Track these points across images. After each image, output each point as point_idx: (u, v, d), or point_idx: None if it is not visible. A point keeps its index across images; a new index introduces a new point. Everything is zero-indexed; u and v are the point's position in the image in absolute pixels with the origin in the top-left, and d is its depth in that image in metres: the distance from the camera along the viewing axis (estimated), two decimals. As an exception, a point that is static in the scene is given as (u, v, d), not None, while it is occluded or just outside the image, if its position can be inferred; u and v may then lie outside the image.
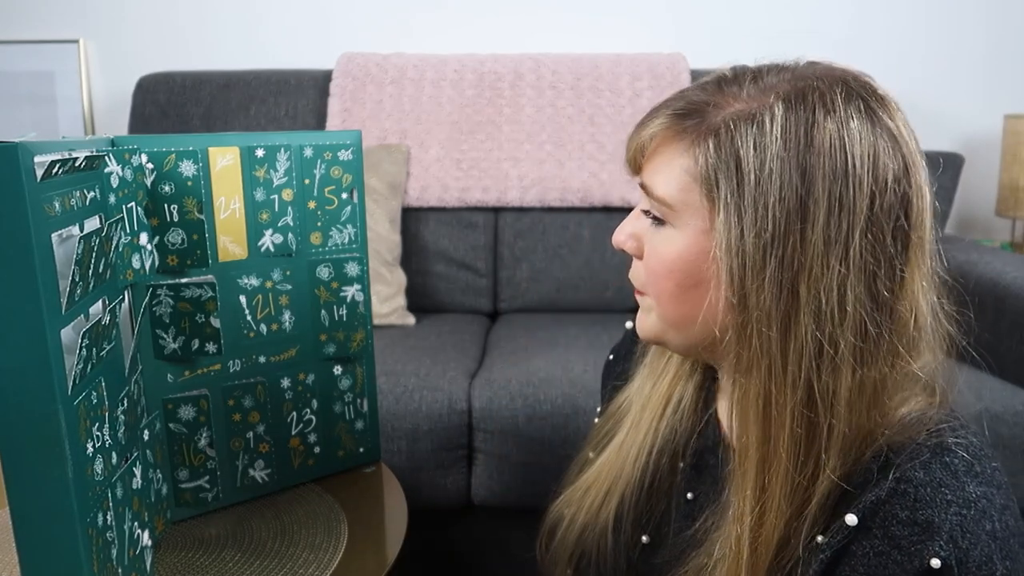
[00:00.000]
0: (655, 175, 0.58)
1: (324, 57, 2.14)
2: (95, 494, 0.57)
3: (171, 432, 0.80)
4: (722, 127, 0.54)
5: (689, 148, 0.56)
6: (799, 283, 0.52)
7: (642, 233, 0.61)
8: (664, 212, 0.58)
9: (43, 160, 0.51)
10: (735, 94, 0.56)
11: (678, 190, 0.57)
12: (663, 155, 0.58)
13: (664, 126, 0.58)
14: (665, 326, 0.61)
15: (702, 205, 0.56)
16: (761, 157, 0.52)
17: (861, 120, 0.53)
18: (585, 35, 2.20)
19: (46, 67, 2.21)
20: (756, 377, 0.54)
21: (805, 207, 0.52)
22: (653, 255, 0.60)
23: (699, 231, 0.56)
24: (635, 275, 0.63)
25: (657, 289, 0.60)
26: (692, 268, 0.57)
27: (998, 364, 1.54)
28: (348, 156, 0.87)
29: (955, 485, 0.52)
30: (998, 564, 0.50)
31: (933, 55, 2.23)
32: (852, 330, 0.53)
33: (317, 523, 0.81)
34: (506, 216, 1.98)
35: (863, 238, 0.52)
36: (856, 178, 0.52)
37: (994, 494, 0.52)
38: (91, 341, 0.57)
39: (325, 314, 0.88)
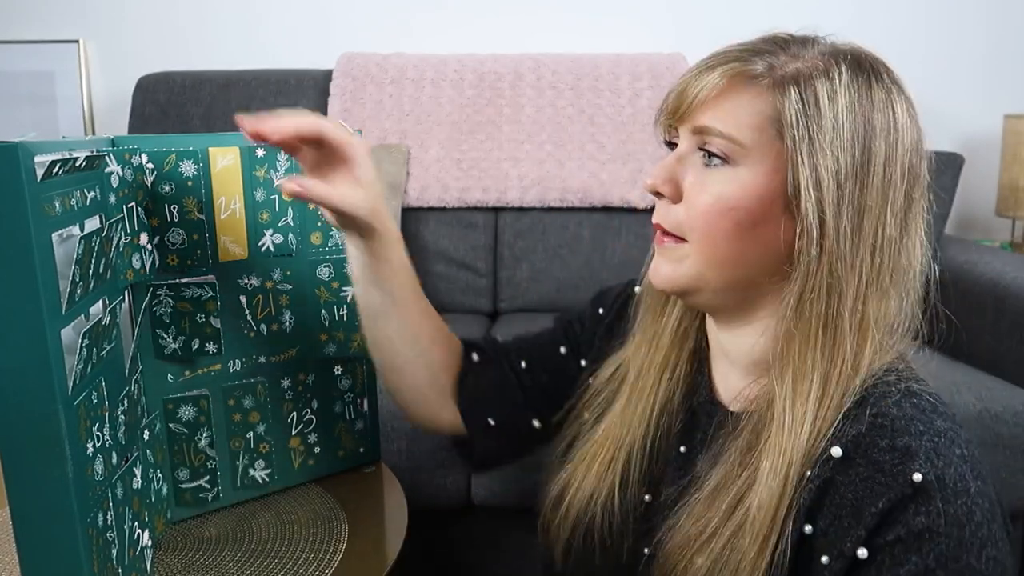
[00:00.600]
0: (723, 117, 0.61)
1: (324, 57, 2.14)
2: (95, 494, 0.57)
3: (171, 432, 0.80)
4: (800, 76, 0.60)
5: (764, 93, 0.61)
6: (864, 219, 0.60)
7: (680, 177, 0.64)
8: (733, 152, 0.61)
9: (43, 160, 0.51)
10: (796, 52, 0.62)
11: (752, 130, 0.61)
12: (732, 99, 0.62)
13: (733, 71, 0.62)
14: (705, 270, 0.63)
15: (772, 147, 0.60)
16: (835, 107, 0.59)
17: (898, 91, 0.62)
18: (585, 35, 2.20)
19: (46, 67, 2.21)
20: (816, 306, 0.60)
21: (867, 153, 0.60)
22: (708, 195, 0.62)
23: (767, 171, 0.61)
24: (667, 217, 0.65)
25: (710, 229, 0.62)
26: (755, 206, 0.61)
27: (998, 364, 1.54)
28: (348, 156, 0.87)
29: (924, 419, 0.58)
30: (971, 481, 0.55)
31: (933, 55, 2.23)
32: (889, 266, 0.61)
33: (317, 523, 0.81)
34: (506, 216, 1.98)
35: (901, 187, 0.61)
36: (899, 135, 0.61)
37: (958, 429, 0.59)
38: (91, 341, 0.57)
39: (326, 314, 0.88)
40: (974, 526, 0.54)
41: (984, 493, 0.56)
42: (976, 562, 0.54)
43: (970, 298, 1.65)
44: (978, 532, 0.54)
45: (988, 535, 0.54)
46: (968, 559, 0.54)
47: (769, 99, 0.61)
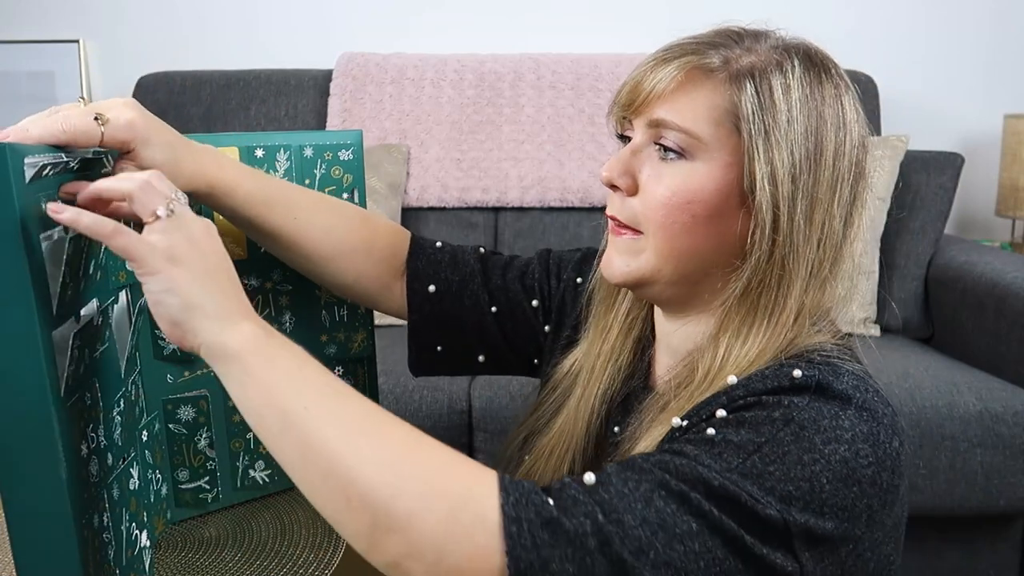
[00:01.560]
0: (679, 111, 0.62)
1: (324, 57, 2.14)
2: (90, 495, 0.57)
3: (171, 433, 0.80)
4: (755, 70, 0.61)
5: (720, 87, 0.61)
6: (815, 212, 0.60)
7: (636, 170, 0.64)
8: (690, 145, 0.61)
9: (34, 162, 0.51)
10: (749, 46, 0.63)
11: (708, 124, 0.61)
12: (688, 92, 0.62)
13: (689, 65, 0.62)
14: (661, 263, 0.64)
15: (728, 140, 0.61)
16: (789, 100, 0.60)
17: (845, 87, 0.64)
18: (585, 35, 2.20)
19: (46, 67, 2.21)
20: (765, 297, 0.61)
21: (819, 147, 0.60)
22: (666, 189, 0.62)
23: (724, 164, 0.61)
24: (623, 210, 0.65)
25: (667, 222, 0.62)
26: (712, 199, 0.61)
27: (998, 364, 1.54)
28: (349, 156, 0.87)
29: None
30: (859, 396, 0.56)
31: (933, 55, 2.22)
32: (831, 257, 0.62)
33: (317, 523, 0.81)
34: (506, 216, 1.97)
35: (847, 180, 0.62)
36: (848, 130, 0.62)
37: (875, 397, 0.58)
38: (83, 342, 0.57)
39: (326, 315, 0.88)
40: (830, 436, 0.53)
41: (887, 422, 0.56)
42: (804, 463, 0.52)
43: (970, 298, 1.65)
44: (828, 447, 0.53)
45: (841, 464, 0.53)
46: (801, 456, 0.53)
47: (726, 93, 0.61)
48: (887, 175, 1.80)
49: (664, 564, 0.49)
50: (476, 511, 0.50)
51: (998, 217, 2.20)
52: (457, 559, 0.49)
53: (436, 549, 0.49)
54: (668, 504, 0.51)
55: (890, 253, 1.83)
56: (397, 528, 0.49)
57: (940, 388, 1.44)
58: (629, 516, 0.50)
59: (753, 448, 0.53)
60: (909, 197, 1.84)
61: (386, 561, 0.50)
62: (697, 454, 0.53)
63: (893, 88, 2.15)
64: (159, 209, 0.54)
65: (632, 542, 0.49)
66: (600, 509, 0.50)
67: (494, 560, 0.49)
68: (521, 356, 0.88)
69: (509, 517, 0.49)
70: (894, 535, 0.58)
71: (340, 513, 0.51)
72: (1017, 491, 1.40)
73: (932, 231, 1.84)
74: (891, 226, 1.82)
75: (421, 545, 0.49)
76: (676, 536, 0.50)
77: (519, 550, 0.48)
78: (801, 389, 0.56)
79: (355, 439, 0.51)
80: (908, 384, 1.45)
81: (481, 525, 0.49)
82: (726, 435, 0.54)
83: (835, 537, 0.53)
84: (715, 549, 0.50)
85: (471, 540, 0.49)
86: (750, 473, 0.52)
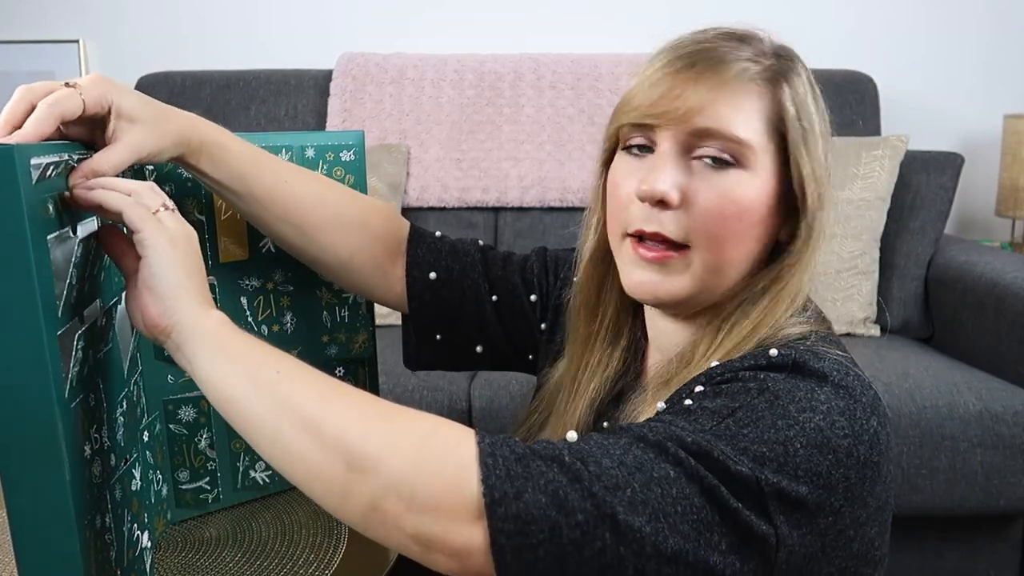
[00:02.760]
0: (725, 119, 0.60)
1: (324, 57, 2.13)
2: (93, 496, 0.57)
3: (171, 433, 0.80)
4: (782, 75, 0.63)
5: (761, 92, 0.62)
6: (827, 202, 0.64)
7: (685, 183, 0.61)
8: (739, 153, 0.61)
9: (39, 162, 0.51)
10: (759, 49, 0.64)
11: (755, 132, 0.61)
12: (729, 100, 0.61)
13: (728, 72, 0.61)
14: (708, 275, 0.63)
15: (770, 145, 0.62)
16: (811, 100, 0.63)
17: (811, 77, 0.66)
18: (585, 35, 2.20)
19: (46, 67, 2.21)
20: (774, 288, 0.63)
21: (826, 141, 0.64)
22: (724, 199, 0.61)
23: (771, 170, 0.62)
24: (669, 225, 0.62)
25: (721, 232, 0.61)
26: (764, 206, 0.62)
27: (998, 364, 1.54)
28: (351, 157, 0.87)
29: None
30: (837, 375, 0.56)
31: (933, 55, 2.22)
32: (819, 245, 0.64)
33: (317, 523, 0.81)
34: (506, 216, 1.98)
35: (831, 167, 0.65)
36: (824, 119, 0.65)
37: (855, 377, 0.58)
38: (88, 343, 0.57)
39: (327, 315, 0.88)
40: (804, 405, 0.54)
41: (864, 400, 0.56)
42: (777, 428, 0.53)
43: (970, 298, 1.65)
44: (803, 416, 0.53)
45: (815, 432, 0.53)
46: (775, 421, 0.53)
47: (767, 98, 0.62)
48: (887, 175, 1.80)
49: (641, 503, 0.49)
50: (447, 443, 0.51)
51: (998, 217, 2.20)
52: (432, 491, 0.49)
53: (409, 483, 0.50)
54: (646, 452, 0.52)
55: (890, 253, 1.83)
56: (370, 466, 0.50)
57: (940, 388, 1.44)
58: (607, 460, 0.51)
59: (727, 413, 0.54)
60: (909, 197, 1.84)
61: (362, 507, 0.51)
62: (672, 419, 0.55)
63: (893, 88, 2.15)
64: (167, 202, 0.58)
65: (608, 479, 0.50)
66: (579, 454, 0.51)
67: (468, 489, 0.49)
68: (518, 349, 0.87)
69: (484, 451, 0.50)
70: (878, 518, 0.58)
71: (314, 464, 0.52)
72: (1017, 491, 1.40)
73: (932, 231, 1.84)
74: (891, 226, 1.82)
75: (394, 480, 0.50)
76: (654, 479, 0.50)
77: (494, 479, 0.49)
78: (778, 367, 0.57)
79: (327, 396, 0.54)
80: (908, 384, 1.45)
81: (453, 455, 0.50)
82: (702, 403, 0.56)
83: (810, 504, 0.53)
84: (692, 496, 0.51)
85: (443, 471, 0.50)
86: (723, 435, 0.53)
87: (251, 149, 0.75)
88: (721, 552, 0.51)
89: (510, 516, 0.48)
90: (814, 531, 0.53)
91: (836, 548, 0.55)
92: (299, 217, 0.76)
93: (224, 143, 0.72)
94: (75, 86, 0.59)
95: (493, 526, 0.48)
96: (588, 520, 0.48)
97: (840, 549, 0.55)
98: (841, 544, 0.55)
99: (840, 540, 0.55)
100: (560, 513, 0.48)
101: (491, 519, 0.48)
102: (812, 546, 0.53)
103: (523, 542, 0.48)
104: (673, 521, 0.50)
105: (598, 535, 0.48)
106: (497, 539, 0.48)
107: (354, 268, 0.81)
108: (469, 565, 0.50)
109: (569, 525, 0.48)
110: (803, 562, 0.53)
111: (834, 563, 0.55)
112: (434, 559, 0.51)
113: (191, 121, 0.69)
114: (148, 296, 0.56)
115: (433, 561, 0.51)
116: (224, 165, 0.72)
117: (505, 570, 0.49)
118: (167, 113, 0.67)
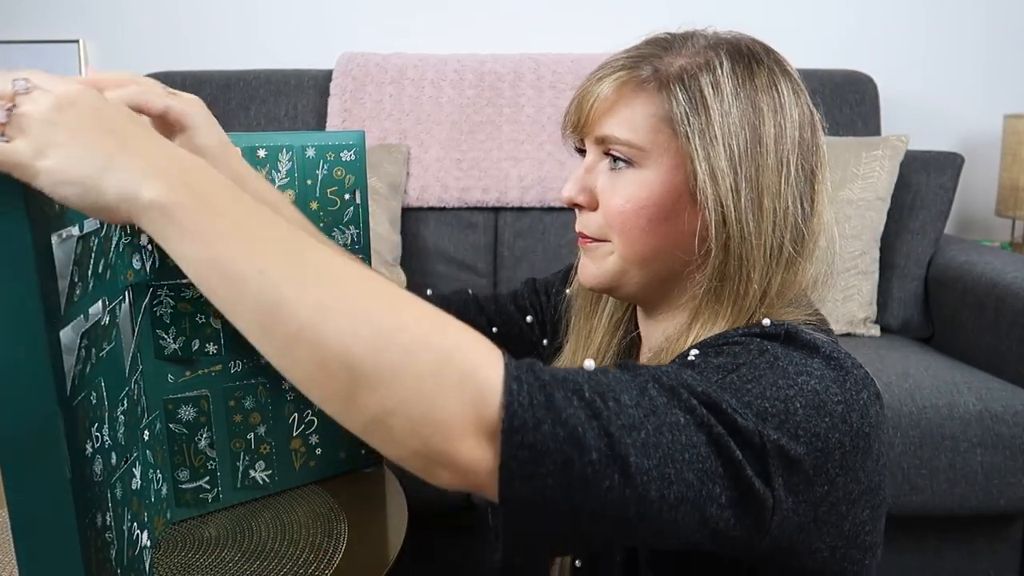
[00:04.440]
0: (619, 124, 0.66)
1: (324, 57, 2.14)
2: (94, 495, 0.57)
3: (172, 432, 0.80)
4: (684, 74, 0.64)
5: (653, 96, 0.65)
6: (763, 199, 0.63)
7: (592, 186, 0.68)
8: (634, 155, 0.65)
9: None
10: (678, 51, 0.66)
11: (648, 132, 0.64)
12: (624, 106, 0.66)
13: (621, 80, 0.66)
14: (627, 264, 0.67)
15: (670, 144, 0.64)
16: (720, 97, 0.63)
17: (781, 70, 0.66)
18: (585, 35, 2.20)
19: (46, 67, 2.21)
20: (728, 286, 0.64)
21: (757, 134, 0.63)
22: (620, 198, 0.66)
23: (669, 168, 0.64)
24: (588, 225, 0.69)
25: (626, 228, 0.66)
26: (664, 201, 0.65)
27: (998, 364, 1.54)
28: (351, 157, 0.87)
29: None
30: (827, 348, 0.58)
31: (933, 55, 2.23)
32: (791, 238, 0.64)
33: (317, 523, 0.81)
34: (506, 216, 1.98)
35: (795, 161, 0.64)
36: (786, 112, 0.64)
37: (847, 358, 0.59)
38: (90, 342, 0.57)
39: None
40: (801, 369, 0.55)
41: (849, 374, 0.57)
42: (779, 387, 0.54)
43: (970, 298, 1.65)
44: (800, 378, 0.55)
45: (813, 394, 0.54)
46: (776, 379, 0.54)
47: (658, 101, 0.64)
48: (887, 175, 1.81)
49: (653, 446, 0.49)
50: (470, 363, 0.47)
51: (998, 217, 2.20)
52: (446, 411, 0.46)
53: (422, 404, 0.45)
54: (661, 395, 0.52)
55: (890, 253, 1.83)
56: (379, 384, 0.45)
57: (940, 388, 1.44)
58: (625, 396, 0.51)
59: (731, 368, 0.55)
60: (909, 197, 1.84)
61: (366, 419, 0.46)
62: (680, 368, 0.55)
63: (893, 88, 2.15)
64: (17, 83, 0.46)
65: (627, 418, 0.49)
66: (598, 388, 0.50)
67: (486, 410, 0.47)
68: None
69: (511, 374, 0.47)
70: (871, 500, 0.58)
71: (311, 377, 0.46)
72: (1017, 491, 1.40)
73: (932, 231, 1.84)
74: (891, 226, 1.82)
75: (405, 400, 0.45)
76: (666, 424, 0.50)
77: (516, 405, 0.47)
78: (771, 336, 0.59)
79: (324, 298, 0.46)
80: (908, 384, 1.45)
81: (475, 377, 0.47)
82: (706, 359, 0.57)
83: (807, 467, 0.53)
84: (700, 445, 0.51)
85: (462, 393, 0.46)
86: (729, 387, 0.54)
87: (269, 188, 0.79)
88: (720, 505, 0.51)
89: (525, 444, 0.47)
90: (809, 499, 0.54)
91: (828, 523, 0.55)
92: None
93: (245, 182, 0.77)
94: (175, 94, 0.65)
95: (506, 452, 0.47)
96: (601, 460, 0.48)
97: (832, 525, 0.56)
98: (833, 520, 0.56)
99: (832, 515, 0.55)
100: (575, 450, 0.48)
101: (505, 445, 0.47)
102: (805, 515, 0.54)
103: (534, 470, 0.47)
104: (680, 468, 0.50)
105: (608, 475, 0.48)
106: (508, 464, 0.47)
107: None
108: (471, 482, 0.48)
109: (582, 462, 0.48)
110: (795, 532, 0.54)
111: (824, 539, 0.56)
112: (435, 472, 0.48)
113: (232, 158, 0.75)
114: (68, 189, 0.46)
115: (433, 474, 0.48)
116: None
117: (510, 494, 0.48)
118: (225, 152, 0.73)
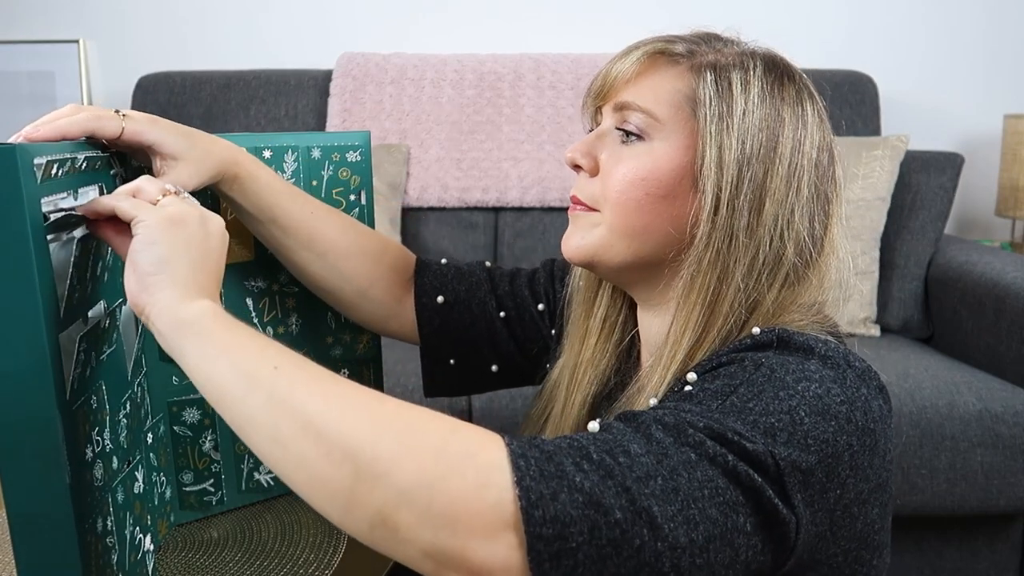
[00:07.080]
0: (643, 92, 0.66)
1: (324, 57, 2.13)
2: (94, 499, 0.56)
3: (176, 435, 0.80)
4: (718, 64, 0.65)
5: (683, 73, 0.65)
6: (766, 203, 0.62)
7: (598, 152, 0.68)
8: (649, 126, 0.65)
9: (41, 161, 0.50)
10: (717, 48, 0.67)
11: (668, 106, 0.65)
12: (653, 77, 0.66)
13: (656, 51, 0.67)
14: (614, 239, 0.66)
15: (686, 124, 0.64)
16: (747, 95, 0.63)
17: (808, 93, 0.66)
18: (585, 35, 2.20)
19: (46, 67, 2.21)
20: (703, 280, 0.63)
21: (774, 141, 0.63)
22: (623, 167, 0.65)
23: (679, 147, 0.64)
24: (583, 189, 0.69)
25: (622, 199, 0.65)
26: (666, 178, 0.64)
27: (998, 364, 1.55)
28: (356, 157, 0.87)
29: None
30: (821, 348, 0.57)
31: (933, 55, 2.23)
32: (796, 251, 0.63)
33: (318, 523, 0.81)
34: (506, 216, 1.97)
35: (808, 179, 0.64)
36: (808, 131, 0.65)
37: (854, 358, 0.59)
38: (90, 345, 0.57)
39: (332, 316, 0.88)
40: (800, 376, 0.55)
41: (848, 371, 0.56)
42: (780, 399, 0.53)
43: (970, 298, 1.65)
44: (800, 385, 0.54)
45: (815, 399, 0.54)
46: (776, 392, 0.54)
47: (687, 79, 0.65)
48: (887, 175, 1.81)
49: (672, 491, 0.48)
50: (469, 445, 0.47)
51: (998, 217, 2.20)
52: (451, 499, 0.45)
53: (425, 490, 0.45)
54: (667, 436, 0.51)
55: (890, 253, 1.83)
56: (380, 472, 0.46)
57: (940, 388, 1.44)
58: (635, 446, 0.50)
59: (730, 390, 0.55)
60: (909, 197, 1.84)
61: (369, 518, 0.46)
62: (677, 405, 0.55)
63: (893, 88, 2.15)
64: (170, 187, 0.58)
65: (639, 469, 0.48)
66: (605, 445, 0.50)
67: (493, 496, 0.45)
68: (533, 362, 0.88)
69: (515, 452, 0.47)
70: (879, 498, 0.58)
71: (317, 470, 0.47)
72: (1017, 491, 1.40)
73: (932, 231, 1.84)
74: (891, 226, 1.82)
75: (408, 487, 0.45)
76: (679, 464, 0.49)
77: (528, 480, 0.45)
78: (763, 345, 0.59)
79: (329, 394, 0.49)
80: (908, 384, 1.45)
81: (476, 459, 0.47)
82: (703, 387, 0.56)
83: (820, 475, 0.52)
84: (716, 479, 0.49)
85: (464, 476, 0.46)
86: (731, 410, 0.53)
87: (280, 181, 0.78)
88: (746, 533, 0.50)
89: (548, 519, 0.45)
90: (824, 507, 0.53)
91: (842, 527, 0.55)
92: (324, 245, 0.80)
93: (257, 174, 0.76)
94: (125, 116, 0.63)
95: (531, 531, 0.45)
96: (625, 517, 0.46)
97: (845, 528, 0.55)
98: (847, 523, 0.55)
99: (846, 518, 0.55)
100: (598, 512, 0.46)
101: (528, 524, 0.45)
102: (822, 524, 0.54)
103: (562, 546, 0.45)
104: (702, 506, 0.49)
105: (636, 532, 0.47)
106: (535, 545, 0.45)
107: (371, 297, 0.84)
108: None
109: (608, 524, 0.46)
110: (814, 542, 0.54)
111: (839, 543, 0.56)
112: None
113: (231, 154, 0.72)
114: (130, 270, 0.54)
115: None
116: (254, 195, 0.76)
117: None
118: (210, 148, 0.70)
